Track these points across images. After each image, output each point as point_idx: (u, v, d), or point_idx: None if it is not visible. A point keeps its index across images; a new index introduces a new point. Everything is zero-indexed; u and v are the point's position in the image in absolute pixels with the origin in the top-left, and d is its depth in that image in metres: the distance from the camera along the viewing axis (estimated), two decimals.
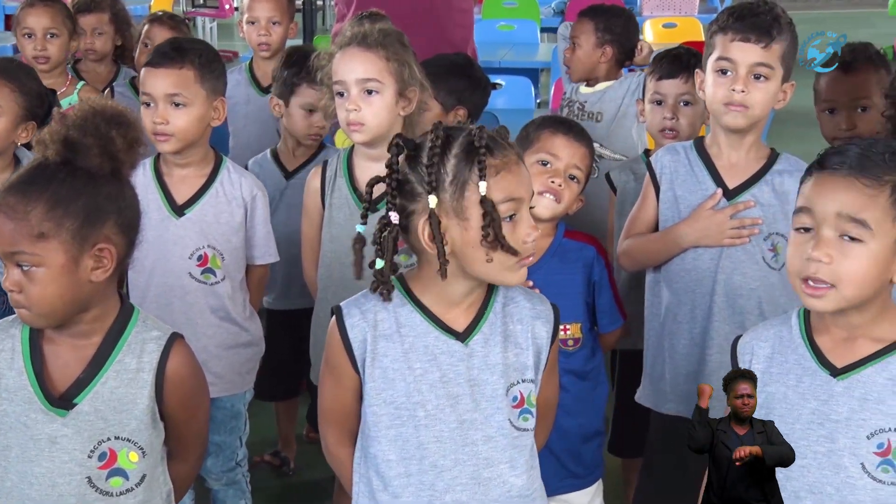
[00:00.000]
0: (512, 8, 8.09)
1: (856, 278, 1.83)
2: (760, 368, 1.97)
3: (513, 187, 1.90)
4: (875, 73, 3.04)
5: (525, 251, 1.92)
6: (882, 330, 1.90)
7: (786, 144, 2.90)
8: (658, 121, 3.14)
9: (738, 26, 2.53)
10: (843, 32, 2.68)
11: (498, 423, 1.98)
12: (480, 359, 1.98)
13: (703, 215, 2.60)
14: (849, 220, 1.83)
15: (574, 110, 3.98)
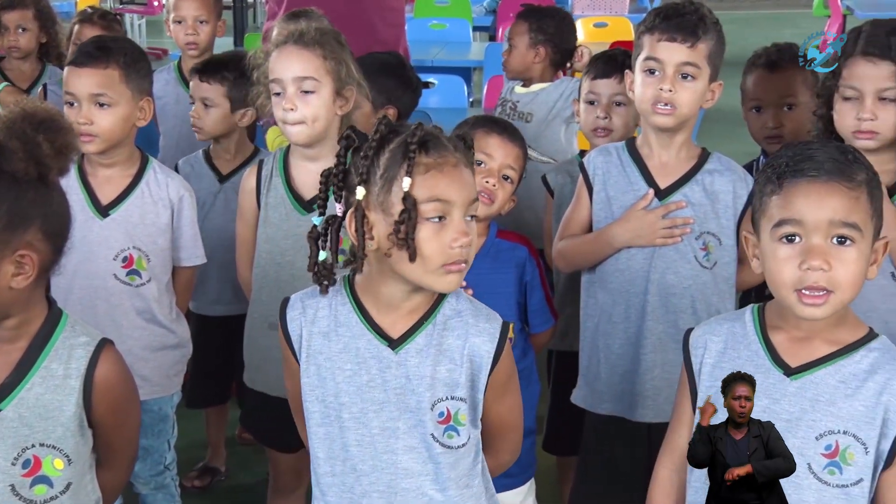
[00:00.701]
0: (444, 7, 8.08)
1: (852, 281, 1.84)
2: (711, 363, 1.97)
3: (441, 188, 1.87)
4: (801, 73, 3.08)
5: (449, 257, 1.87)
6: (838, 333, 1.91)
7: (716, 143, 2.92)
8: (591, 120, 3.15)
9: (664, 26, 2.55)
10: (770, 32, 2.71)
11: (420, 436, 1.95)
12: (409, 369, 1.95)
13: (635, 216, 2.61)
14: (841, 225, 1.83)
15: (506, 110, 3.99)
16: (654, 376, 2.64)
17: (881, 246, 1.90)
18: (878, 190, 1.89)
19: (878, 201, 1.89)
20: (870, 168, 1.90)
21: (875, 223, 1.88)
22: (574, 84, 3.79)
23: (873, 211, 1.86)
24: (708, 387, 1.96)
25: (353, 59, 2.79)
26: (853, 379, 1.87)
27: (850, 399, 1.87)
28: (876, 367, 1.88)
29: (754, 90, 3.15)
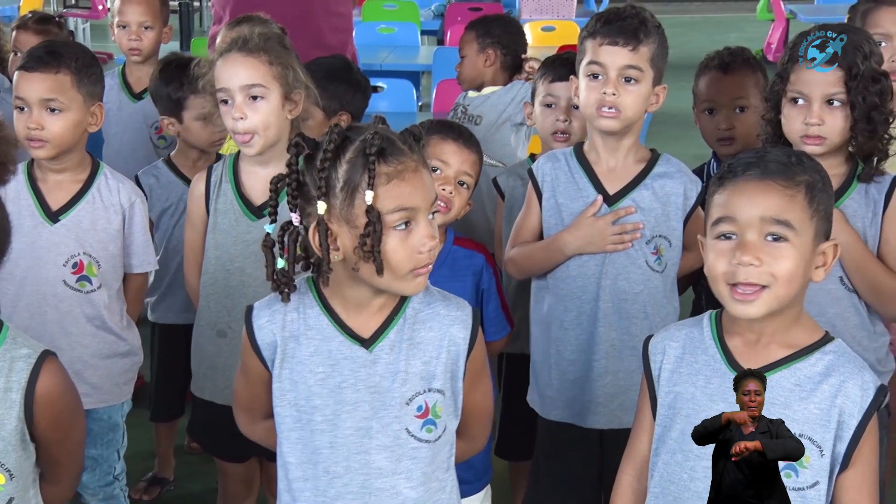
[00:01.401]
0: (392, 10, 8.07)
1: (787, 276, 1.86)
2: (670, 368, 1.98)
3: (405, 196, 1.86)
4: (752, 76, 3.12)
5: (417, 262, 1.88)
6: (793, 336, 1.93)
7: (665, 146, 2.94)
8: (550, 123, 3.13)
9: (606, 30, 2.56)
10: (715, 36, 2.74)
11: (395, 433, 1.95)
12: (384, 366, 1.95)
13: (585, 223, 2.61)
14: (773, 223, 1.86)
15: (458, 113, 3.99)
16: (607, 383, 2.64)
17: (829, 248, 1.92)
18: (823, 193, 1.90)
19: (823, 203, 1.90)
20: (817, 171, 1.91)
21: (817, 224, 1.89)
22: (526, 88, 3.80)
23: (813, 212, 1.88)
24: (666, 392, 1.98)
25: (300, 62, 2.77)
26: (808, 382, 1.89)
27: (804, 402, 1.88)
28: (831, 370, 1.89)
29: (707, 92, 3.18)
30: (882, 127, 2.48)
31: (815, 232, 1.88)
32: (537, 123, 3.20)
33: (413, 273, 1.88)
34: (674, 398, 1.96)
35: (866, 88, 2.45)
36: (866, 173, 2.52)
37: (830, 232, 1.93)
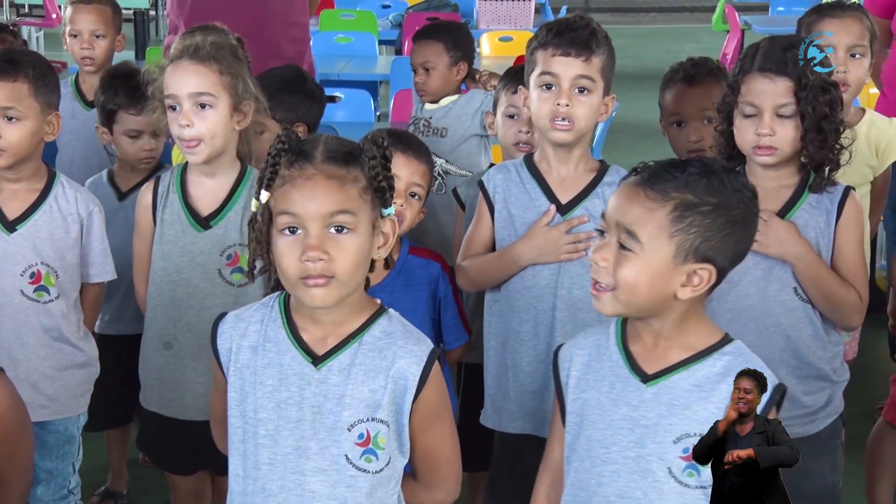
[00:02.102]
0: (349, 20, 8.05)
1: (627, 284, 1.88)
2: (577, 375, 2.00)
3: (291, 202, 1.86)
4: (717, 86, 3.11)
5: (303, 270, 1.85)
6: (692, 340, 1.95)
7: (620, 156, 2.96)
8: (512, 135, 3.12)
9: (557, 41, 2.56)
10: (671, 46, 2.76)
11: (332, 457, 1.92)
12: (330, 387, 1.92)
13: (539, 233, 2.61)
14: (623, 230, 1.88)
15: (420, 127, 3.98)
16: None
17: (704, 273, 1.89)
18: (706, 217, 1.87)
19: (699, 227, 1.87)
20: (713, 194, 1.88)
21: (680, 243, 1.86)
22: (489, 98, 3.80)
23: (675, 231, 1.86)
24: (574, 399, 1.99)
25: (251, 73, 2.77)
26: (707, 382, 1.92)
27: (704, 402, 1.91)
28: (729, 370, 1.91)
29: (674, 105, 3.18)
30: (832, 137, 2.50)
31: (676, 250, 1.87)
32: (499, 134, 3.19)
33: (303, 282, 1.86)
34: (581, 405, 1.98)
35: (816, 98, 2.47)
36: (818, 184, 2.54)
37: (720, 256, 1.89)
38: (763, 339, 2.48)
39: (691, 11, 14.86)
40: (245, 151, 2.80)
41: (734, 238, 1.92)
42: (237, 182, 2.77)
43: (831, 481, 2.63)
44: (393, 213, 1.96)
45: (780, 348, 2.52)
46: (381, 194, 1.92)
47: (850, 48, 3.19)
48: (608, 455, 1.94)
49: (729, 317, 2.49)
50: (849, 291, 2.53)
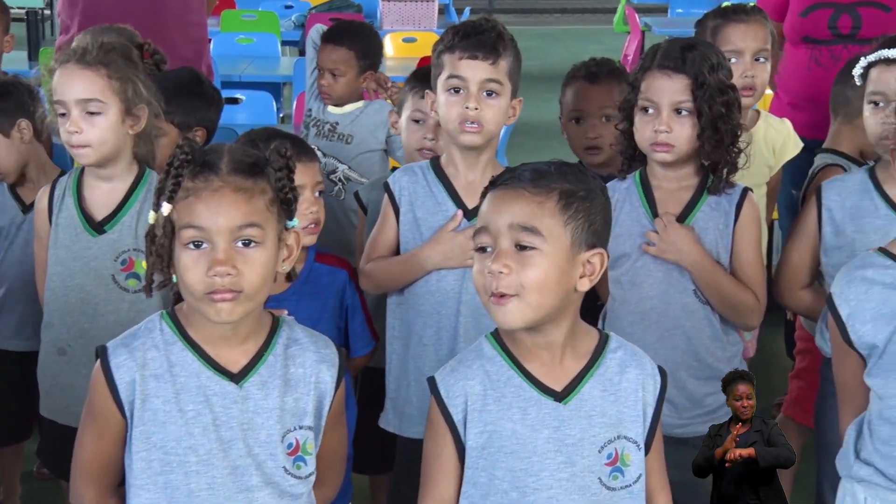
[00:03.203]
0: (251, 21, 7.96)
1: (536, 284, 1.85)
2: (477, 409, 1.92)
3: (196, 215, 1.82)
4: (618, 86, 3.15)
5: (209, 285, 1.81)
6: (580, 344, 1.95)
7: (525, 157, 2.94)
8: (417, 140, 3.09)
9: (465, 44, 2.54)
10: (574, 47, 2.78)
11: (271, 470, 1.90)
12: (256, 402, 1.89)
13: (445, 237, 2.59)
14: (521, 230, 1.85)
15: (324, 131, 3.95)
16: None
17: (596, 258, 1.89)
18: (586, 202, 1.88)
19: (584, 212, 1.87)
20: (580, 181, 1.89)
21: (574, 232, 1.86)
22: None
23: (567, 219, 1.86)
24: (478, 433, 1.91)
25: (144, 75, 2.70)
26: (611, 384, 1.93)
27: (615, 404, 1.92)
28: (624, 366, 1.94)
29: (574, 102, 3.21)
30: (728, 137, 2.54)
31: (571, 239, 1.87)
32: (403, 138, 3.17)
33: (209, 297, 1.82)
34: (488, 438, 1.90)
35: (713, 98, 2.50)
36: (715, 185, 2.57)
37: (602, 242, 1.91)
38: (665, 342, 2.50)
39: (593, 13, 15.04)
40: (143, 154, 2.73)
41: (607, 224, 1.94)
42: (133, 186, 2.71)
43: None
44: (297, 225, 1.93)
45: (681, 350, 2.54)
46: (286, 206, 1.90)
47: (756, 52, 3.24)
48: (540, 482, 1.89)
49: (631, 319, 2.51)
50: (746, 293, 2.56)
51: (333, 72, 3.92)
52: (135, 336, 1.91)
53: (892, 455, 2.04)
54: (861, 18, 3.98)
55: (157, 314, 1.94)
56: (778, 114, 3.90)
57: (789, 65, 4.03)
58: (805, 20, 3.99)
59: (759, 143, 3.23)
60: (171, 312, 1.93)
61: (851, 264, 2.13)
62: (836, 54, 3.94)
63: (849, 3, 3.95)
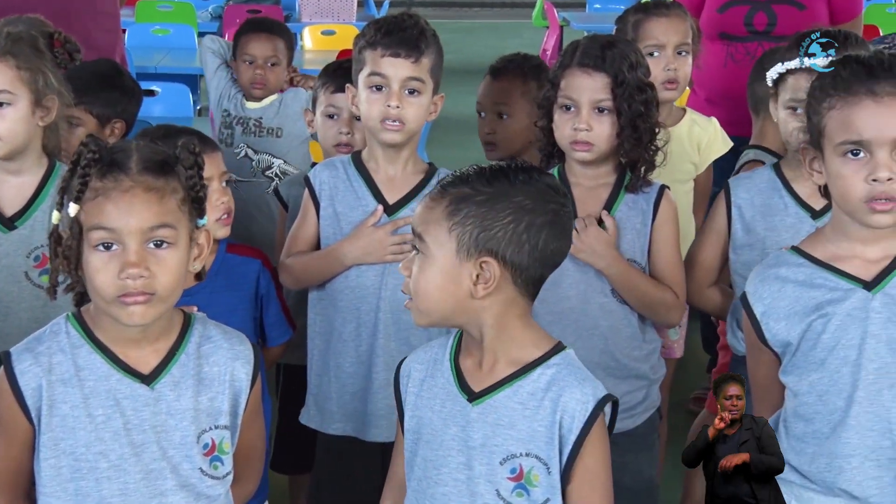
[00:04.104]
0: (167, 12, 7.84)
1: (421, 291, 1.86)
2: (414, 392, 1.95)
3: (106, 216, 1.78)
4: (521, 85, 3.16)
5: (121, 288, 1.78)
6: (519, 352, 1.89)
7: (444, 152, 2.96)
8: (332, 136, 3.07)
9: (387, 42, 2.53)
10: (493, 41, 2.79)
11: (187, 472, 1.87)
12: (168, 403, 1.86)
13: (365, 233, 2.58)
14: (414, 235, 1.87)
15: (250, 127, 3.93)
16: (387, 395, 2.59)
17: (490, 265, 1.83)
18: (481, 207, 1.82)
19: (476, 217, 1.82)
20: (476, 185, 1.85)
21: (460, 237, 1.82)
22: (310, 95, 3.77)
23: (454, 224, 1.81)
24: (410, 417, 1.94)
25: (53, 65, 2.64)
26: (531, 399, 1.86)
27: (529, 420, 1.86)
28: (551, 384, 1.86)
29: (479, 95, 3.24)
30: (647, 136, 2.55)
31: (457, 245, 1.82)
32: (319, 134, 3.15)
33: (121, 300, 1.79)
34: (416, 423, 1.93)
35: (632, 96, 2.52)
36: (633, 183, 2.58)
37: (505, 248, 1.83)
38: (583, 342, 2.50)
39: (512, 7, 15.08)
40: (52, 146, 2.67)
41: (529, 231, 1.83)
42: (44, 180, 2.64)
43: (649, 475, 2.68)
44: (207, 223, 1.90)
45: (598, 350, 2.55)
46: (198, 204, 1.87)
47: (677, 46, 3.27)
48: (440, 476, 1.89)
49: (550, 319, 2.51)
50: (664, 292, 2.58)
51: (270, 62, 3.93)
52: (39, 340, 1.87)
53: (807, 452, 2.07)
54: (776, 16, 4.04)
55: (63, 317, 1.89)
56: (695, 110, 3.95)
57: (705, 60, 4.08)
58: (722, 16, 4.05)
59: (684, 140, 3.26)
60: (76, 314, 1.89)
61: (765, 263, 2.16)
62: (751, 51, 4.00)
63: (764, 1, 4.01)
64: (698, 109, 3.94)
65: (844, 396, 2.03)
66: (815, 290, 2.05)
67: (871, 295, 2.03)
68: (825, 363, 2.04)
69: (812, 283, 2.06)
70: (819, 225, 2.55)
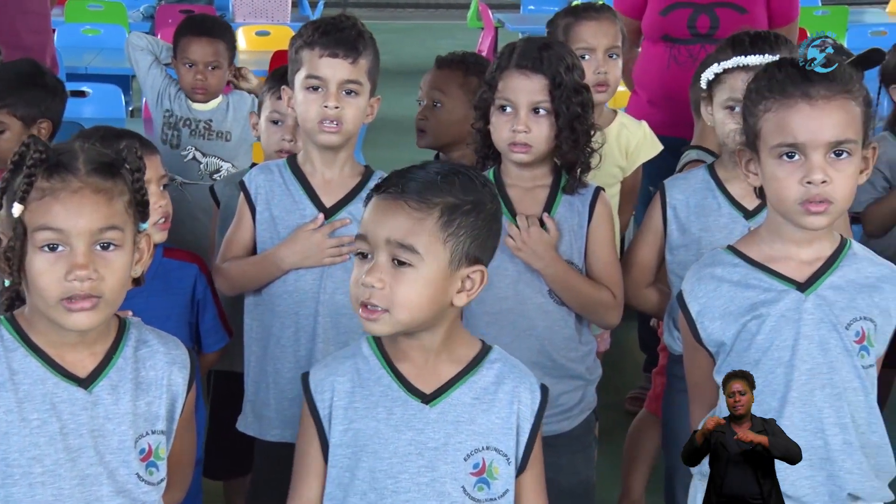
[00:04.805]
0: (97, 11, 7.73)
1: (407, 303, 1.83)
2: (343, 405, 1.91)
3: (53, 216, 1.75)
4: (461, 77, 3.18)
5: (66, 290, 1.75)
6: (458, 352, 1.92)
7: (381, 153, 2.95)
8: (275, 141, 3.06)
9: (325, 42, 2.52)
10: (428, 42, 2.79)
11: (124, 478, 1.84)
12: (106, 407, 1.83)
13: (302, 237, 2.56)
14: (397, 246, 1.83)
15: (199, 129, 3.88)
16: None
17: (476, 275, 1.87)
18: (470, 216, 1.85)
19: (468, 227, 1.84)
20: (470, 191, 1.86)
21: (454, 249, 1.83)
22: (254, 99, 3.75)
23: (448, 236, 1.83)
24: (343, 431, 1.91)
25: None
26: (485, 393, 1.90)
27: (487, 414, 1.90)
28: (502, 378, 1.91)
29: (422, 82, 3.26)
30: (584, 138, 2.57)
31: (451, 256, 1.84)
32: (262, 139, 3.13)
33: (65, 304, 1.76)
34: (354, 436, 1.90)
35: (569, 98, 2.53)
36: (570, 185, 2.59)
37: (486, 254, 1.88)
38: (519, 342, 2.50)
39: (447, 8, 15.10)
40: None
41: (494, 234, 1.92)
42: None
43: (585, 476, 2.69)
44: (148, 228, 1.89)
45: (535, 350, 2.55)
46: (142, 208, 1.85)
47: (608, 49, 3.30)
48: (398, 485, 1.87)
49: (487, 320, 2.51)
50: (602, 292, 2.59)
51: (211, 65, 3.87)
52: None
53: None
54: (718, 19, 4.07)
55: None
56: (636, 111, 3.97)
57: (648, 62, 4.11)
58: (665, 19, 4.06)
59: (612, 143, 3.28)
60: (9, 317, 1.85)
61: (701, 262, 2.18)
62: (693, 54, 4.03)
63: (707, 4, 4.03)
64: (640, 111, 3.98)
65: (778, 397, 2.06)
66: (749, 290, 2.08)
67: (804, 296, 2.06)
68: (759, 364, 2.06)
69: (747, 284, 2.08)
70: (752, 225, 2.59)
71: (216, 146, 3.88)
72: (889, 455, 2.12)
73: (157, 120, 4.00)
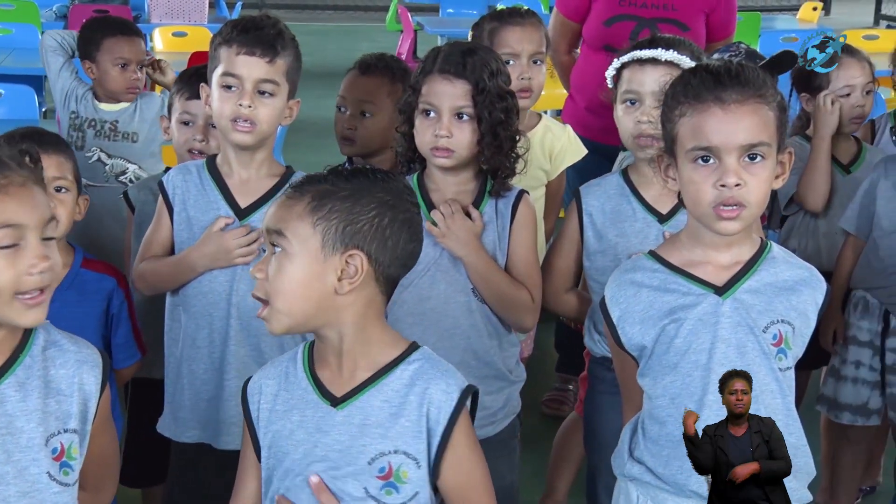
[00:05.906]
0: (9, 11, 7.57)
1: (281, 289, 1.83)
2: (268, 408, 1.93)
3: (9, 213, 1.73)
4: (389, 84, 3.12)
5: (24, 284, 1.74)
6: (377, 355, 1.90)
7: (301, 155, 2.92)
8: (186, 142, 3.00)
9: (242, 40, 2.49)
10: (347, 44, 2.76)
11: (34, 477, 1.80)
12: (14, 404, 1.79)
13: (212, 238, 2.53)
14: (273, 233, 1.85)
15: (104, 130, 3.82)
16: (238, 402, 2.56)
17: (356, 260, 1.84)
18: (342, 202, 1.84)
19: (340, 213, 1.83)
20: (335, 182, 1.86)
21: (324, 234, 1.82)
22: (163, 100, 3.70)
23: (317, 220, 1.82)
24: (265, 433, 1.92)
25: None
26: (396, 396, 1.88)
27: (396, 417, 1.87)
28: (415, 379, 1.88)
29: (343, 89, 3.17)
30: (507, 144, 2.56)
31: (322, 239, 1.83)
32: (173, 140, 3.08)
33: (21, 300, 1.74)
34: (272, 437, 1.92)
35: (493, 104, 2.52)
36: (495, 189, 2.59)
37: (368, 243, 1.84)
38: (445, 342, 2.50)
39: (366, 10, 15.09)
40: None
41: (392, 227, 1.85)
42: None
43: (510, 481, 2.69)
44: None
45: (461, 349, 2.55)
46: None
47: (532, 55, 3.30)
48: (303, 482, 1.87)
49: (411, 321, 2.50)
50: (521, 292, 2.59)
51: (141, 63, 3.89)
52: None
53: (662, 454, 2.11)
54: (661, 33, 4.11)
55: None
56: (571, 117, 3.98)
57: (588, 70, 4.10)
58: (608, 29, 4.06)
59: (536, 147, 3.29)
60: None
61: (622, 267, 2.19)
62: None
63: (650, 18, 4.05)
64: (577, 117, 4.00)
65: (696, 399, 2.07)
66: (668, 294, 2.09)
67: (721, 300, 2.08)
68: (678, 367, 2.09)
69: (666, 288, 2.10)
70: (666, 229, 2.62)
71: (122, 147, 3.84)
72: (807, 456, 2.14)
73: (63, 122, 3.94)
